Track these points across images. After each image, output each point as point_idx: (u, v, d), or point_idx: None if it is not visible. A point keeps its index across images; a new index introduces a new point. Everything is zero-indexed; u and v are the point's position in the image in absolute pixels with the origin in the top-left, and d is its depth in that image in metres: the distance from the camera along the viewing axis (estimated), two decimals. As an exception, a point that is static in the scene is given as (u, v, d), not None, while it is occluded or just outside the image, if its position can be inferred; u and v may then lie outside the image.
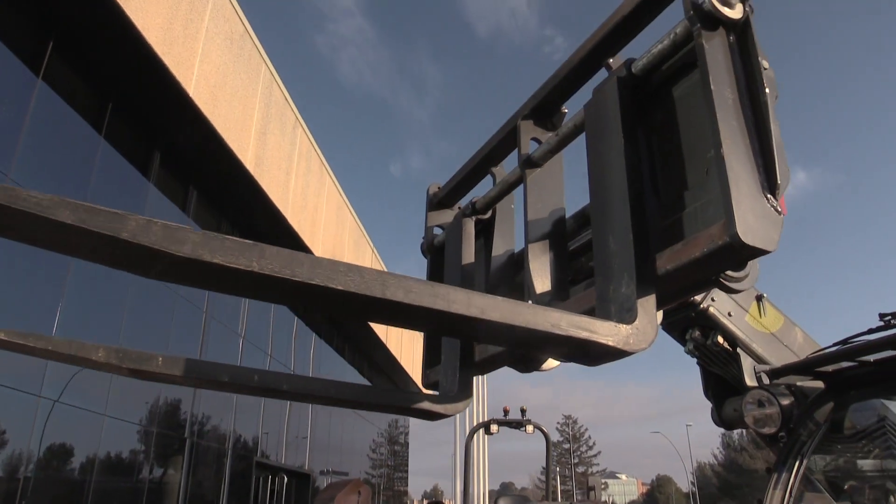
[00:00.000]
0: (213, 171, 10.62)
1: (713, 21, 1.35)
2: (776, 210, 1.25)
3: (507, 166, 2.17)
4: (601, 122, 1.56)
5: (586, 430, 60.24)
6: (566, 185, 1.91)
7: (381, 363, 23.02)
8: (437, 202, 2.42)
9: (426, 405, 1.78)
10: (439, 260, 2.35)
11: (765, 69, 1.36)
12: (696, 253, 1.28)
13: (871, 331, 2.74)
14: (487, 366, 1.93)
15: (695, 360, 3.47)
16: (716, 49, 1.34)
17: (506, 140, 2.02)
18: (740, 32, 1.37)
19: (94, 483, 8.23)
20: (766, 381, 3.13)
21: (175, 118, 9.24)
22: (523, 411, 12.34)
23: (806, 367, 2.98)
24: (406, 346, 23.22)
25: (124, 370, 1.47)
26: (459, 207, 2.40)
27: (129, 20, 7.28)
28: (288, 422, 15.07)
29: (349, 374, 20.51)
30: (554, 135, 1.83)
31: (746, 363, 3.17)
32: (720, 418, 3.50)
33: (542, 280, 1.74)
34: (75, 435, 8.06)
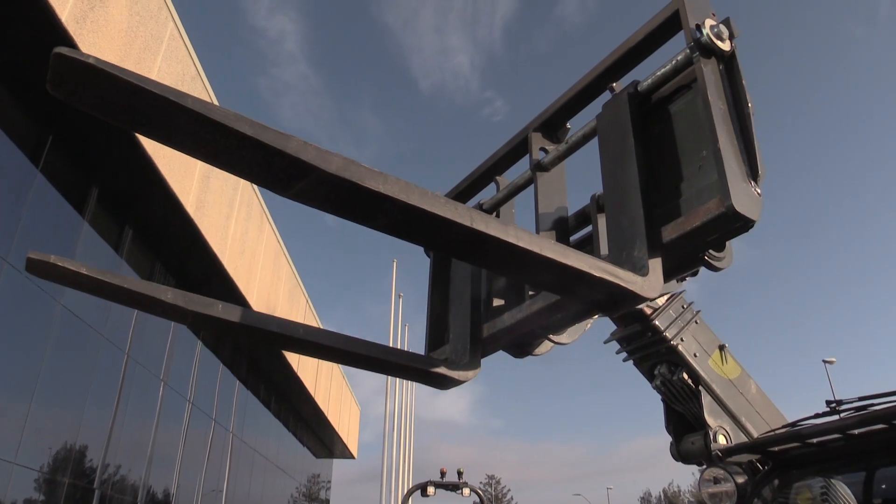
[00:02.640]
0: (152, 213, 10.47)
1: (709, 51, 1.76)
2: (757, 192, 1.62)
3: (508, 175, 2.49)
4: (614, 129, 1.92)
5: (509, 490, 59.50)
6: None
7: (308, 417, 22.42)
8: None
9: (441, 370, 1.99)
10: (443, 260, 2.59)
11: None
12: (697, 222, 1.62)
13: (817, 415, 3.02)
14: (492, 343, 2.16)
15: (660, 397, 3.75)
16: (710, 72, 1.74)
17: (514, 150, 2.36)
18: (728, 61, 1.79)
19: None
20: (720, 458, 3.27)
21: (117, 157, 9.14)
22: (460, 473, 12.32)
23: (756, 446, 3.21)
24: (333, 402, 22.74)
25: (189, 313, 1.61)
26: None
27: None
28: (205, 474, 14.39)
29: (274, 427, 19.84)
30: (564, 143, 2.19)
31: (706, 401, 3.42)
32: (678, 452, 3.72)
33: None
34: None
